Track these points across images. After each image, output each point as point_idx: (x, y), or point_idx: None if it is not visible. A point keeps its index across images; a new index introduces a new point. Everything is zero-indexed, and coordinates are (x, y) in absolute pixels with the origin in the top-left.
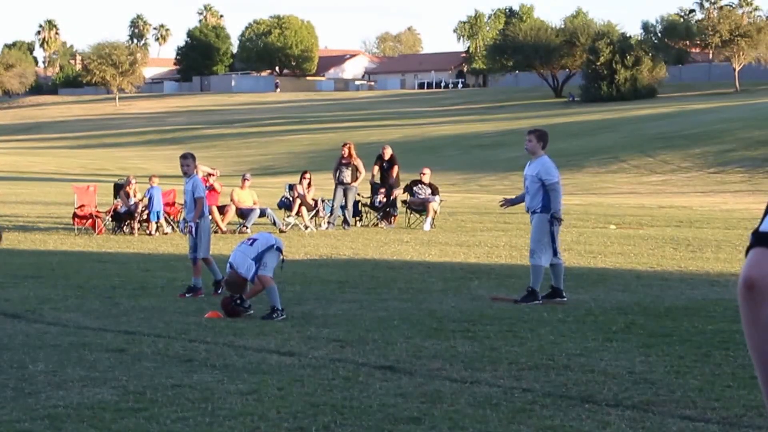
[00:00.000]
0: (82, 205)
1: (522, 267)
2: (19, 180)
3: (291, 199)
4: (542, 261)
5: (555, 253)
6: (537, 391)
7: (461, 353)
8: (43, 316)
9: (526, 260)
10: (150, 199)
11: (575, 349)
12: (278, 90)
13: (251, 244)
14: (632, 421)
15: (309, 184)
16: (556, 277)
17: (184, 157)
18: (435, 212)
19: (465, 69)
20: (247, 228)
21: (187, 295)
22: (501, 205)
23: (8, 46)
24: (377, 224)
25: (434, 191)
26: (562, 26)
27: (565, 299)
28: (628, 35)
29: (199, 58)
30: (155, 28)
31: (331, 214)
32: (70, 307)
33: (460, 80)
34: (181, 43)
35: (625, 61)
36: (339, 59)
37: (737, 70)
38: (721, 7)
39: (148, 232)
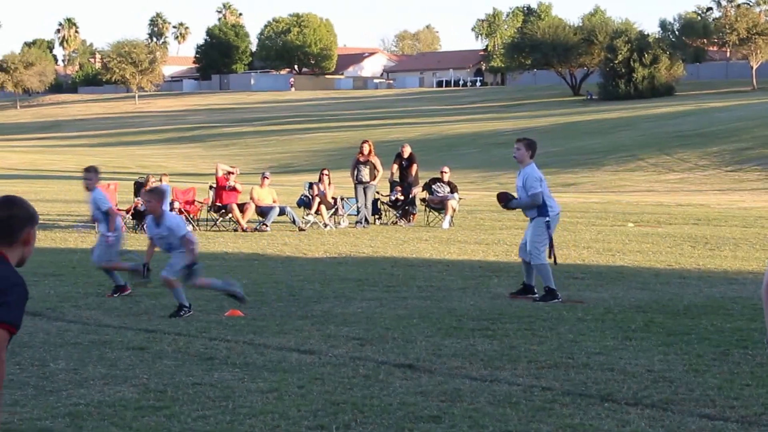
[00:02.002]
0: None
1: None
2: (39, 178)
3: (310, 197)
4: (542, 259)
5: (550, 255)
6: (556, 390)
7: (481, 351)
8: (64, 314)
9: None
10: None
11: (594, 348)
12: (293, 89)
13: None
14: (651, 419)
15: (329, 183)
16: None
17: (86, 170)
18: (454, 210)
19: (483, 67)
20: (266, 226)
21: (114, 295)
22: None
23: (28, 45)
24: (396, 222)
25: (453, 189)
26: (580, 24)
27: (560, 300)
28: (645, 33)
29: (219, 56)
30: (174, 27)
31: (358, 214)
32: (91, 305)
33: (478, 78)
34: (201, 42)
35: (643, 59)
36: (358, 57)
37: (755, 68)
38: (738, 5)
39: None
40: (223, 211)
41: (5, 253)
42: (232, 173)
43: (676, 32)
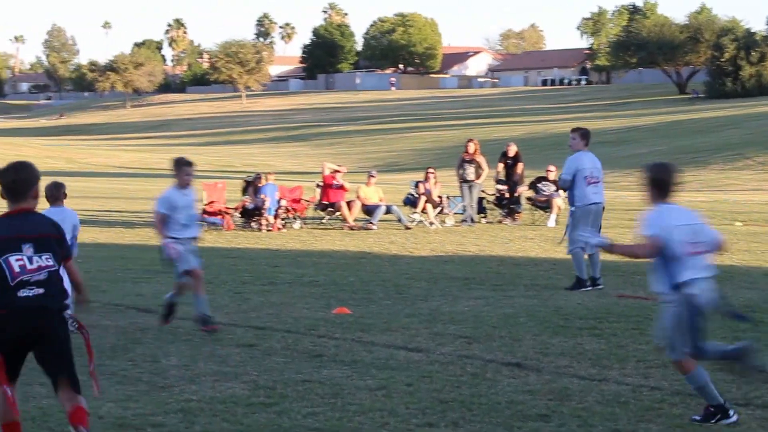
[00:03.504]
0: (212, 202)
1: (648, 264)
2: (149, 177)
3: (416, 195)
4: (574, 248)
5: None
6: (665, 389)
7: (588, 350)
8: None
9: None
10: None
11: None
12: (393, 88)
13: None
14: (763, 420)
15: (435, 181)
16: (595, 267)
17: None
18: (559, 209)
19: (588, 65)
20: (373, 224)
21: None
22: None
23: (138, 45)
24: (501, 221)
25: (558, 188)
26: (686, 22)
27: (590, 289)
28: (752, 31)
29: (324, 56)
30: (281, 27)
31: (464, 212)
32: None
33: (583, 77)
34: (307, 42)
35: (750, 57)
36: (462, 56)
37: None
38: None
39: (267, 228)
40: (330, 209)
41: (32, 207)
42: (339, 171)
43: None
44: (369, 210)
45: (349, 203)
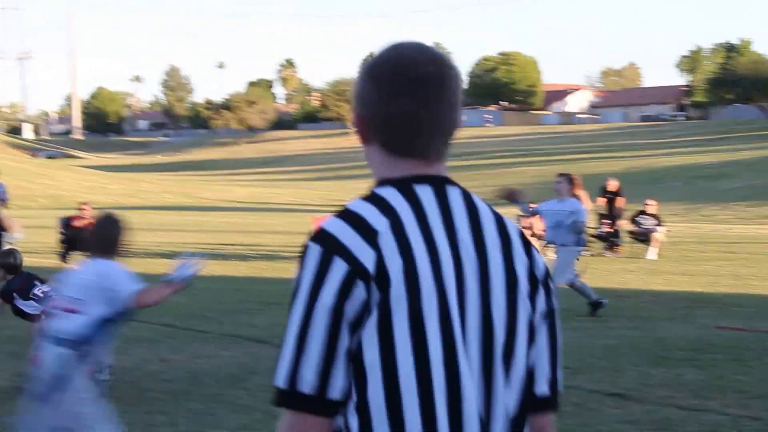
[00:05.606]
0: None
1: (746, 296)
2: (263, 211)
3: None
4: (575, 279)
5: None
6: (765, 420)
7: (689, 381)
8: None
9: (750, 289)
10: None
11: None
12: (488, 125)
13: None
14: None
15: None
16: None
17: None
18: (659, 242)
19: (686, 102)
20: None
21: None
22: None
23: (251, 84)
24: (602, 254)
25: (658, 221)
26: None
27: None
28: None
29: None
30: None
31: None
32: None
33: (681, 113)
34: None
35: None
36: (563, 93)
37: None
38: None
39: None
40: None
41: None
42: None
43: None
44: None
45: None
